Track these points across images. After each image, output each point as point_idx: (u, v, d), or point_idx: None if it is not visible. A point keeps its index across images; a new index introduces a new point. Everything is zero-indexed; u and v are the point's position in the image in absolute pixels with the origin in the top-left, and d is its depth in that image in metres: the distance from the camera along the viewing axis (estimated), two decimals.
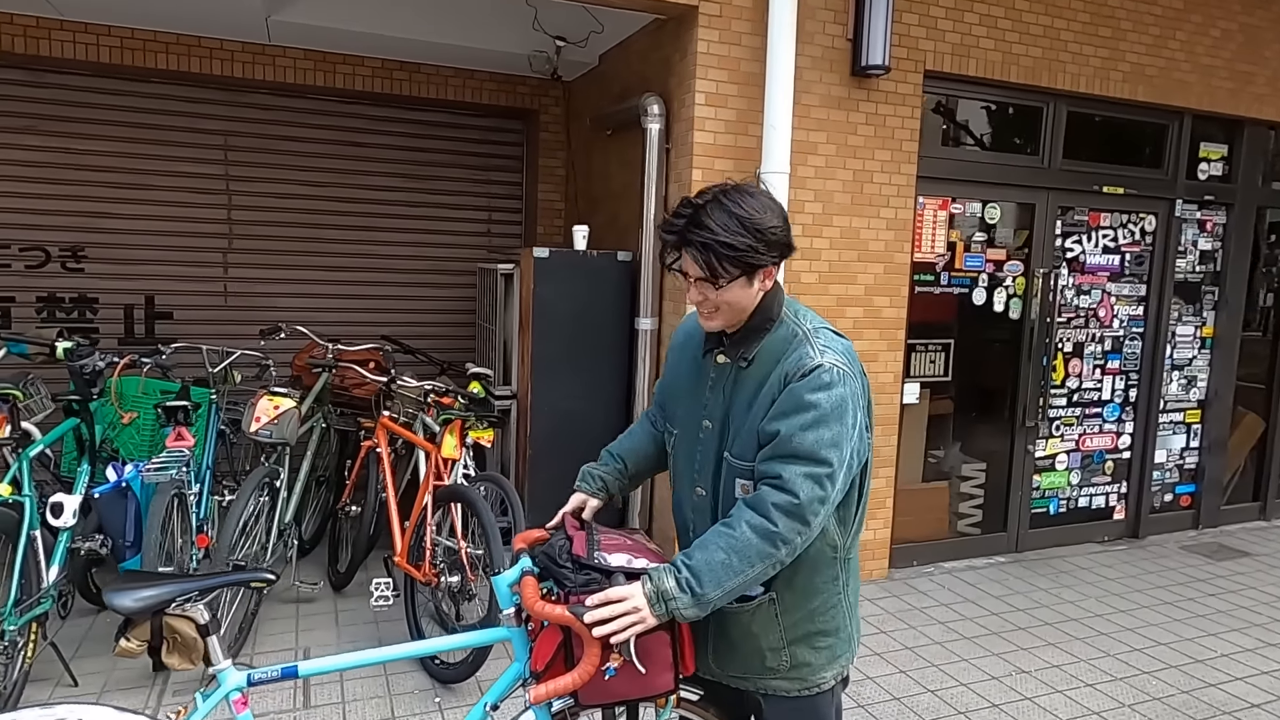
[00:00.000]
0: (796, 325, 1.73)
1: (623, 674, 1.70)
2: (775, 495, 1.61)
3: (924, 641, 3.97)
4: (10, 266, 5.11)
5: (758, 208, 1.63)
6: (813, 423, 1.61)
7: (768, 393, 1.68)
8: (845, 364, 1.66)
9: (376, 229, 5.84)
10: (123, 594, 1.72)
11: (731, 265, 1.63)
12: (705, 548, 1.62)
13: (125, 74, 5.08)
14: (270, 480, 3.70)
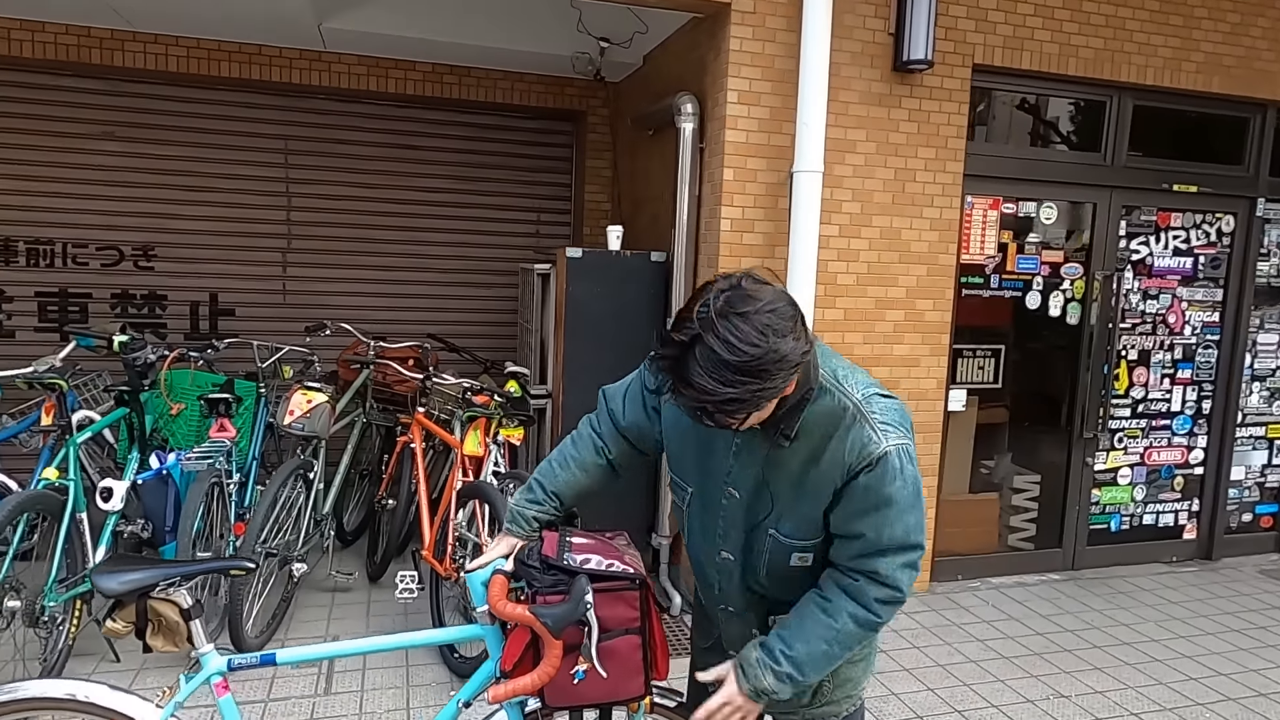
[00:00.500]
0: (844, 396, 1.53)
1: (591, 677, 1.68)
2: (877, 590, 1.57)
3: (958, 659, 3.81)
4: (88, 265, 5.43)
5: (756, 337, 1.35)
6: (897, 516, 1.53)
7: (826, 479, 1.55)
8: (905, 435, 1.55)
9: (427, 230, 5.97)
10: (108, 577, 1.79)
11: (740, 412, 1.42)
12: (806, 639, 1.59)
13: (192, 82, 5.34)
14: (304, 472, 3.82)
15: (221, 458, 3.73)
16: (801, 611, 1.62)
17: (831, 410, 1.54)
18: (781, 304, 1.40)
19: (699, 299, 1.42)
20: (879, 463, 1.50)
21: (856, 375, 1.59)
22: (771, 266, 4.02)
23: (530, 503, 1.89)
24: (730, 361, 1.35)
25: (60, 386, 3.37)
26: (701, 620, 2.00)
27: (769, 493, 1.65)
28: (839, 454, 1.53)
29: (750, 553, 1.72)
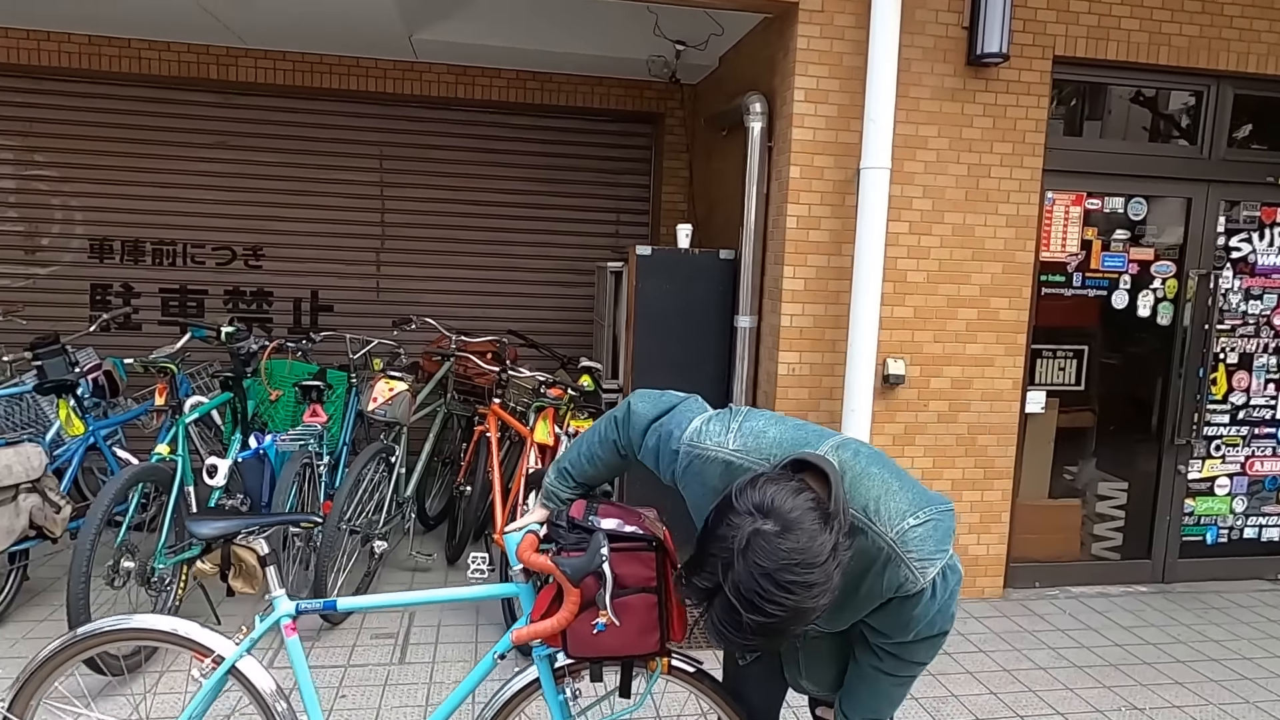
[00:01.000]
0: (880, 538, 1.53)
1: (610, 630, 1.80)
2: (903, 666, 1.71)
3: (1025, 665, 3.72)
4: (205, 264, 5.91)
5: (783, 598, 1.34)
6: (926, 624, 1.62)
7: (863, 604, 1.62)
8: (942, 555, 1.56)
9: (511, 230, 6.22)
10: (200, 523, 2.04)
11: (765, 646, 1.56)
12: (866, 701, 1.79)
13: (297, 94, 5.74)
14: (385, 455, 4.06)
15: (313, 441, 4.02)
16: (855, 690, 1.81)
17: (866, 550, 1.54)
18: (814, 544, 1.36)
19: (720, 533, 1.39)
20: (915, 595, 1.56)
21: (891, 504, 1.55)
22: (839, 264, 4.04)
23: (562, 486, 2.02)
24: (750, 623, 1.35)
25: (171, 370, 3.72)
26: None
27: None
28: (875, 589, 1.57)
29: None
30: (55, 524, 3.63)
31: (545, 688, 1.98)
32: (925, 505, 1.59)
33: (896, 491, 1.58)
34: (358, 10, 4.65)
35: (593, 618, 1.82)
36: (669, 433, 1.79)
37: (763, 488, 1.43)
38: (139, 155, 5.72)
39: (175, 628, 2.05)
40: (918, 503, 1.58)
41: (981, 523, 4.38)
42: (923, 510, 1.57)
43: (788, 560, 1.35)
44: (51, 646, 2.03)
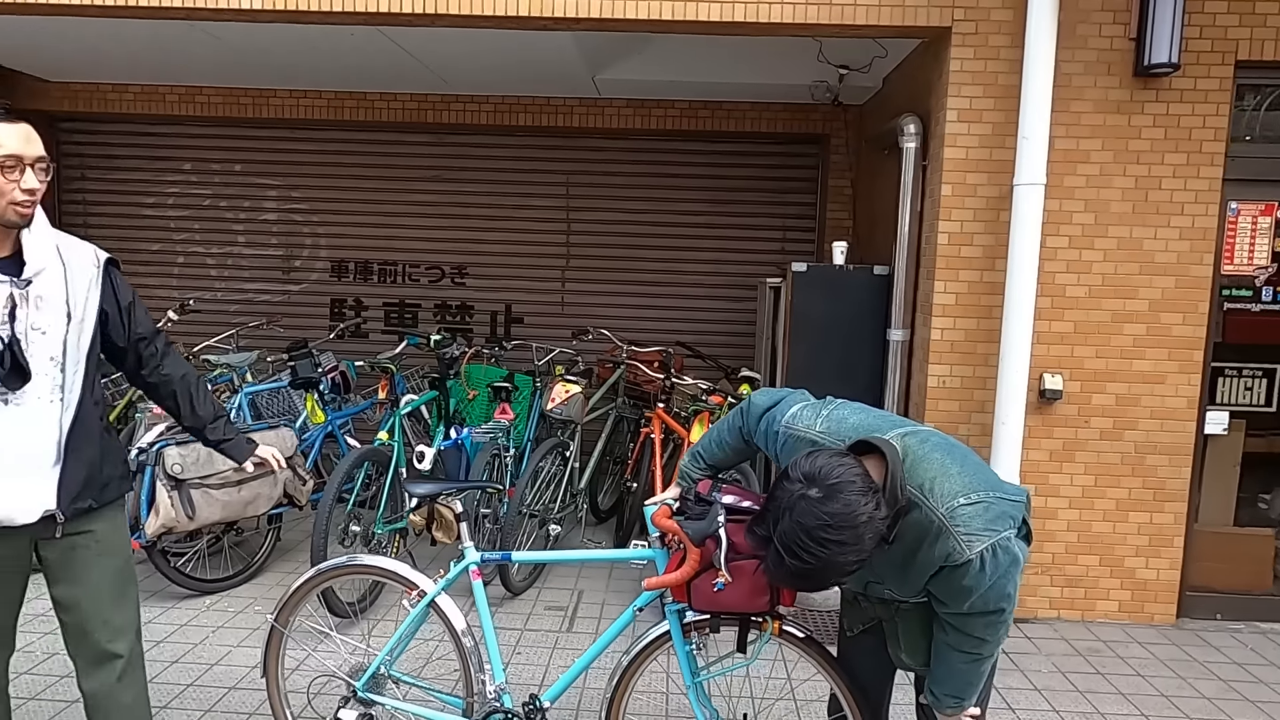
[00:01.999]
0: (932, 512, 1.78)
1: (728, 589, 2.12)
2: (968, 641, 1.91)
3: (1188, 694, 3.59)
4: (419, 281, 6.83)
5: (817, 549, 1.66)
6: (979, 596, 1.82)
7: (922, 570, 1.85)
8: (993, 533, 1.76)
9: (683, 248, 6.67)
10: (414, 484, 2.62)
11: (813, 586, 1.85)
12: (948, 679, 1.98)
13: (495, 131, 6.52)
14: (561, 450, 4.59)
15: (502, 435, 4.63)
16: (934, 669, 2.03)
17: (920, 523, 1.80)
18: (849, 511, 1.65)
19: (776, 494, 1.74)
20: (963, 566, 1.79)
21: (946, 484, 1.80)
22: (991, 279, 4.11)
23: (695, 468, 2.37)
24: (790, 565, 1.70)
25: (391, 370, 4.46)
26: (849, 609, 2.31)
27: (876, 570, 1.98)
28: (930, 558, 1.83)
29: (871, 591, 2.09)
30: (302, 494, 4.46)
31: (675, 638, 2.34)
32: (982, 489, 1.81)
33: (954, 475, 1.82)
34: (547, 57, 5.28)
35: (713, 578, 2.16)
36: (774, 418, 2.12)
37: (814, 459, 1.73)
38: (369, 189, 6.73)
39: (392, 566, 2.60)
40: (974, 486, 1.81)
41: (1150, 546, 4.23)
42: (977, 492, 1.80)
43: (823, 521, 1.66)
44: (305, 575, 2.65)
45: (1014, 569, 1.83)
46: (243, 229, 6.80)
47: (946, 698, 2.01)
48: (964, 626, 1.90)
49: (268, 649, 2.70)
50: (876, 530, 1.70)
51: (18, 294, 1.96)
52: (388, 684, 2.65)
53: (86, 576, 2.13)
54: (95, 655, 2.16)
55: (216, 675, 3.44)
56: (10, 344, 1.93)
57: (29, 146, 1.94)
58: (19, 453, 1.99)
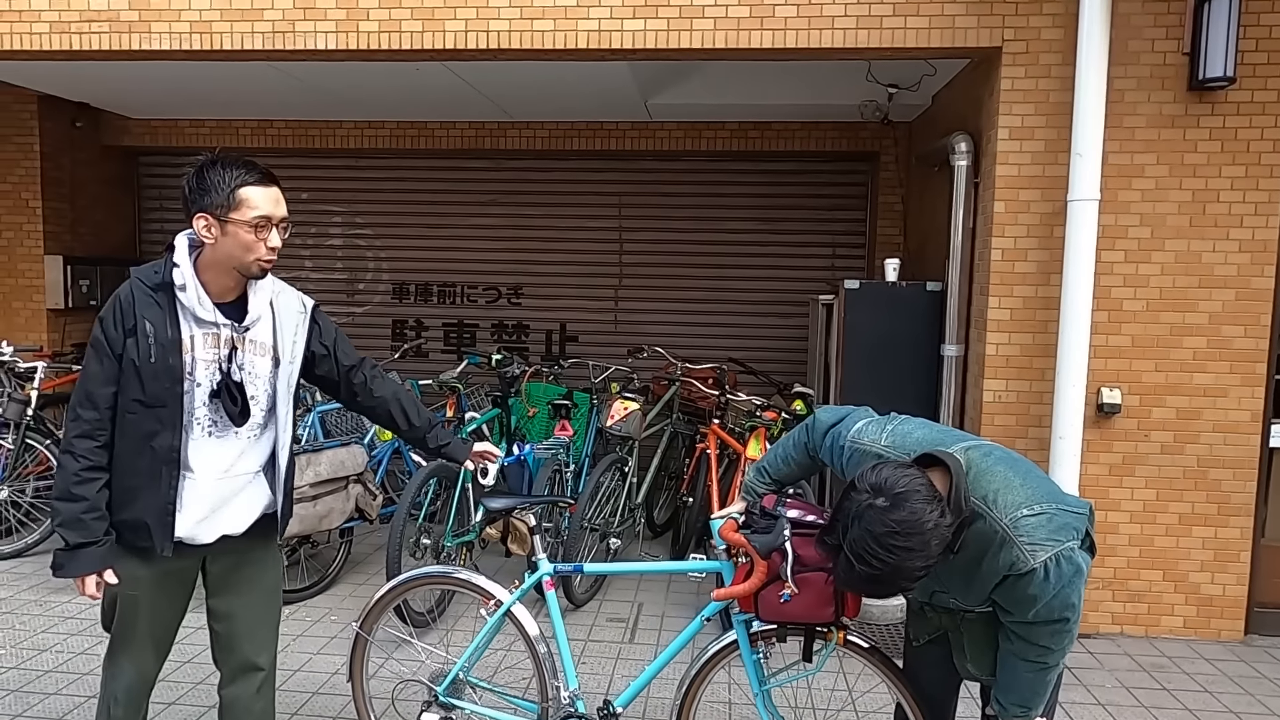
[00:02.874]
0: (995, 523, 1.85)
1: (795, 602, 2.22)
2: (1032, 650, 1.96)
3: (1258, 710, 3.55)
4: (477, 302, 7.05)
5: (885, 556, 1.74)
6: (1044, 605, 1.87)
7: (987, 580, 1.92)
8: (1057, 542, 1.83)
9: (734, 265, 6.78)
10: (492, 499, 2.75)
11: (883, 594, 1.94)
12: (1015, 689, 2.03)
13: (550, 155, 6.72)
14: (620, 465, 4.72)
15: (562, 451, 4.77)
16: (1000, 678, 2.08)
17: (984, 533, 1.87)
18: (914, 519, 1.73)
19: (844, 505, 1.82)
20: (1027, 575, 1.86)
21: (1009, 496, 1.88)
22: (1046, 294, 4.13)
23: (760, 483, 2.46)
24: (859, 571, 1.78)
25: (458, 389, 4.64)
26: (915, 619, 2.38)
27: (941, 583, 2.07)
28: (994, 567, 1.91)
29: (936, 601, 2.16)
30: (372, 508, 4.65)
31: (742, 647, 2.43)
32: (1045, 500, 1.88)
33: (1017, 487, 1.90)
34: (602, 84, 5.46)
35: (780, 589, 2.25)
36: (840, 433, 2.21)
37: (880, 470, 1.82)
38: (430, 214, 6.98)
39: (469, 577, 2.75)
40: (1038, 498, 1.88)
41: (1216, 561, 4.19)
42: (1040, 504, 1.87)
43: (891, 529, 1.74)
44: (389, 585, 2.81)
45: (1077, 579, 1.89)
46: (310, 254, 7.10)
47: (1013, 707, 2.07)
48: (1029, 635, 1.96)
49: (353, 655, 2.86)
50: (942, 538, 1.78)
51: (237, 338, 2.15)
52: (466, 689, 2.78)
53: (247, 590, 2.31)
54: (241, 665, 2.32)
55: (300, 681, 3.62)
56: (228, 382, 2.12)
57: (277, 208, 2.13)
58: (231, 482, 2.18)
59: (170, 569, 2.20)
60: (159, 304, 2.10)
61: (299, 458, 4.20)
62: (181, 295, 2.10)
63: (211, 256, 2.12)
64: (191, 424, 2.12)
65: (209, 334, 2.12)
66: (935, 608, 2.21)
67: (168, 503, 2.11)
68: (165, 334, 2.08)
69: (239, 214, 2.07)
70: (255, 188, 2.09)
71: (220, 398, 2.12)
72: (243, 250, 2.09)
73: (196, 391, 2.11)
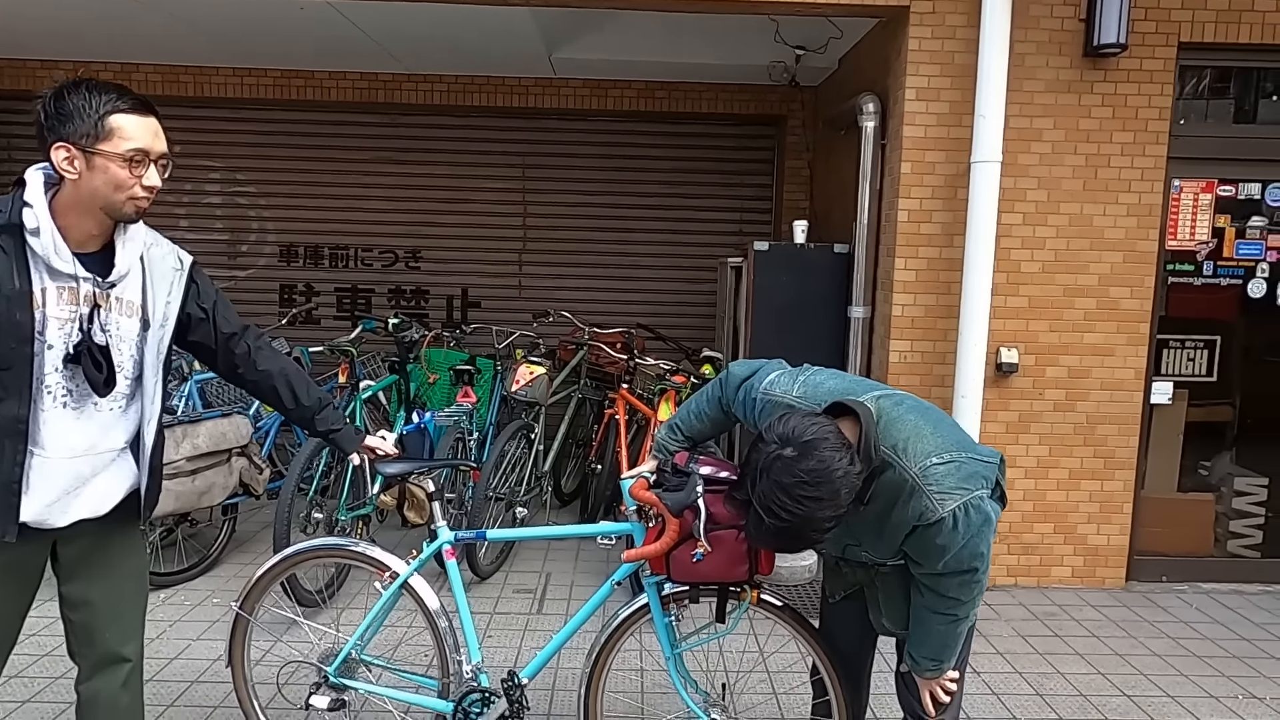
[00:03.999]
0: (905, 471, 1.81)
1: (707, 560, 2.13)
2: (943, 602, 1.93)
3: (1141, 652, 3.73)
4: (372, 265, 6.68)
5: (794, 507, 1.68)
6: (953, 554, 1.83)
7: (897, 529, 1.87)
8: (966, 491, 1.80)
9: (640, 230, 6.65)
10: (385, 464, 2.52)
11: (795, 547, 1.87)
12: (928, 643, 2.01)
13: (451, 112, 6.40)
14: (526, 432, 4.55)
15: (465, 418, 4.56)
16: (912, 631, 2.06)
17: (894, 482, 1.83)
18: (824, 468, 1.67)
19: (753, 457, 1.75)
20: (936, 524, 1.82)
21: (919, 444, 1.83)
22: (950, 255, 4.18)
23: (672, 440, 2.36)
24: (768, 525, 1.71)
25: (351, 353, 4.36)
26: (831, 575, 2.33)
27: (853, 533, 2.01)
28: (903, 517, 1.86)
29: (849, 554, 2.11)
30: (258, 483, 4.33)
31: (653, 611, 2.34)
32: (955, 449, 1.85)
33: (927, 435, 1.85)
34: (504, 34, 5.19)
35: (692, 549, 2.16)
36: (752, 386, 2.14)
37: (787, 420, 1.76)
38: (319, 171, 6.55)
39: (362, 548, 2.55)
40: (947, 446, 1.85)
41: (1101, 513, 4.38)
42: (949, 453, 1.84)
43: (800, 479, 1.68)
44: (272, 560, 2.57)
45: (986, 528, 1.86)
46: (185, 213, 6.56)
47: (925, 660, 2.04)
48: (939, 587, 1.93)
49: (233, 638, 2.62)
50: (852, 486, 1.72)
51: (99, 295, 1.85)
52: (360, 668, 2.60)
53: (106, 574, 2.02)
54: (103, 657, 2.04)
55: (177, 670, 3.33)
56: (90, 346, 1.82)
57: (157, 142, 1.83)
58: (90, 460, 1.90)
59: (12, 556, 1.91)
60: (4, 250, 1.77)
61: (173, 430, 3.87)
62: (33, 241, 1.78)
63: (73, 195, 1.80)
64: (41, 393, 1.82)
65: (65, 288, 1.82)
66: (850, 562, 2.17)
67: (12, 482, 1.80)
68: (11, 284, 1.76)
69: (109, 145, 1.76)
70: (130, 115, 1.78)
71: (80, 363, 1.82)
72: (112, 188, 1.79)
73: (48, 354, 1.81)
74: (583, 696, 2.42)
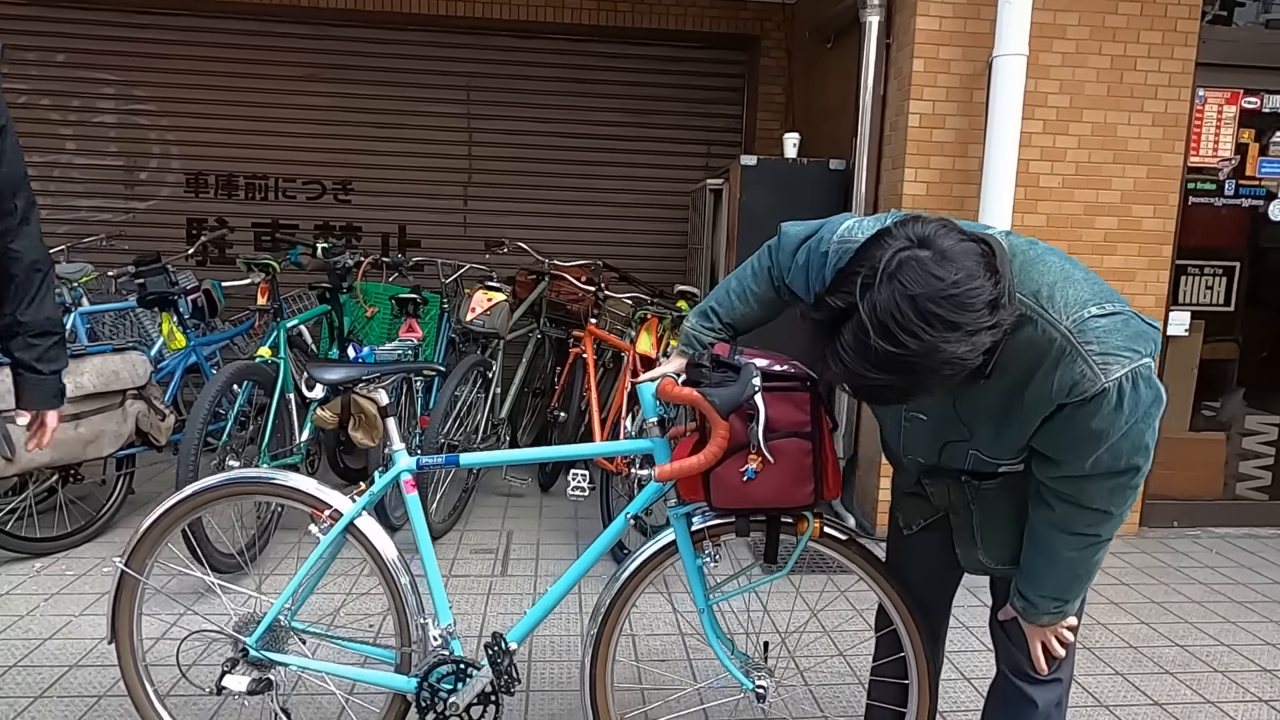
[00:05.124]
0: (1050, 326, 1.31)
1: (760, 477, 1.63)
2: (1083, 516, 1.44)
3: (1177, 599, 3.39)
4: (295, 198, 5.90)
5: (919, 328, 1.14)
6: (1109, 446, 1.35)
7: (1031, 413, 1.38)
8: (1134, 357, 1.30)
9: (600, 163, 6.04)
10: (322, 370, 1.94)
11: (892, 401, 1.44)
12: (1051, 577, 1.52)
13: (385, 22, 5.64)
14: (482, 370, 3.95)
15: (409, 355, 3.92)
16: (1030, 563, 1.55)
17: (1034, 342, 1.32)
18: (972, 284, 1.16)
19: (870, 253, 1.20)
20: (1095, 399, 1.30)
21: (1069, 291, 1.32)
22: (964, 166, 3.73)
23: (707, 329, 1.82)
24: (878, 349, 1.15)
25: (273, 268, 3.66)
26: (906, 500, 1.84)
27: (962, 423, 1.50)
28: (1045, 390, 1.33)
29: (946, 460, 1.59)
30: (160, 431, 3.64)
31: (682, 550, 1.80)
32: (1117, 300, 1.34)
33: (1078, 281, 1.33)
34: None
35: (741, 464, 1.64)
36: (819, 239, 1.61)
37: (926, 224, 1.22)
38: (233, 89, 5.72)
39: (293, 481, 1.94)
40: (1107, 296, 1.33)
41: None
42: (1111, 304, 1.32)
43: (937, 290, 1.14)
44: (169, 501, 1.94)
45: (1156, 409, 1.35)
46: (71, 133, 5.67)
47: (1044, 600, 1.55)
48: (1080, 496, 1.43)
49: (117, 605, 1.97)
50: (997, 326, 1.19)
51: None
52: (290, 640, 1.99)
53: None
54: None
55: (53, 652, 2.65)
56: None
57: None
58: None
59: None
60: None
61: None
62: None
63: None
64: None
65: None
66: (938, 478, 1.66)
67: None
68: None
69: None
70: None
71: None
72: None
73: None
74: (588, 667, 1.86)
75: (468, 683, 1.88)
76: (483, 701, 1.88)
